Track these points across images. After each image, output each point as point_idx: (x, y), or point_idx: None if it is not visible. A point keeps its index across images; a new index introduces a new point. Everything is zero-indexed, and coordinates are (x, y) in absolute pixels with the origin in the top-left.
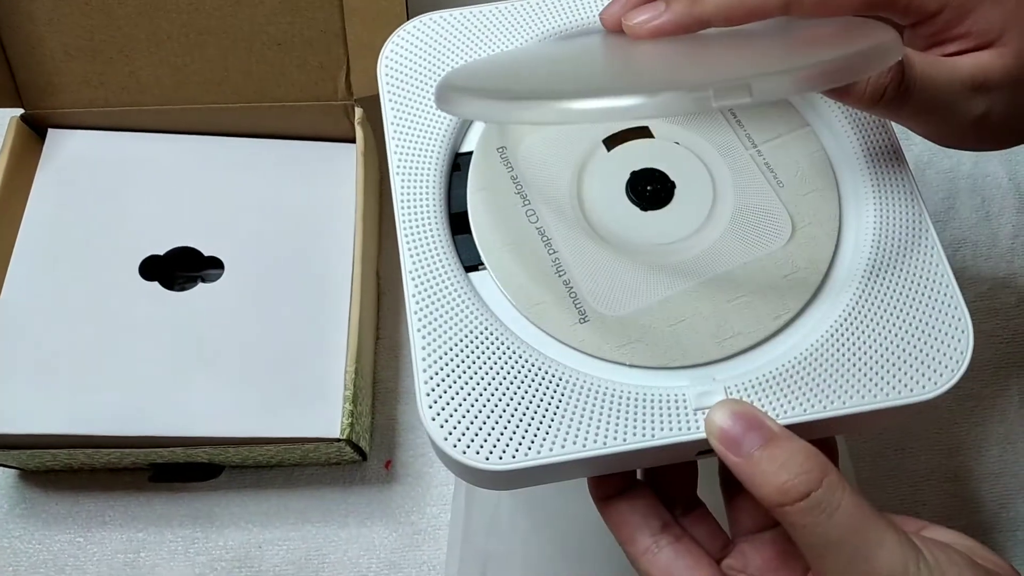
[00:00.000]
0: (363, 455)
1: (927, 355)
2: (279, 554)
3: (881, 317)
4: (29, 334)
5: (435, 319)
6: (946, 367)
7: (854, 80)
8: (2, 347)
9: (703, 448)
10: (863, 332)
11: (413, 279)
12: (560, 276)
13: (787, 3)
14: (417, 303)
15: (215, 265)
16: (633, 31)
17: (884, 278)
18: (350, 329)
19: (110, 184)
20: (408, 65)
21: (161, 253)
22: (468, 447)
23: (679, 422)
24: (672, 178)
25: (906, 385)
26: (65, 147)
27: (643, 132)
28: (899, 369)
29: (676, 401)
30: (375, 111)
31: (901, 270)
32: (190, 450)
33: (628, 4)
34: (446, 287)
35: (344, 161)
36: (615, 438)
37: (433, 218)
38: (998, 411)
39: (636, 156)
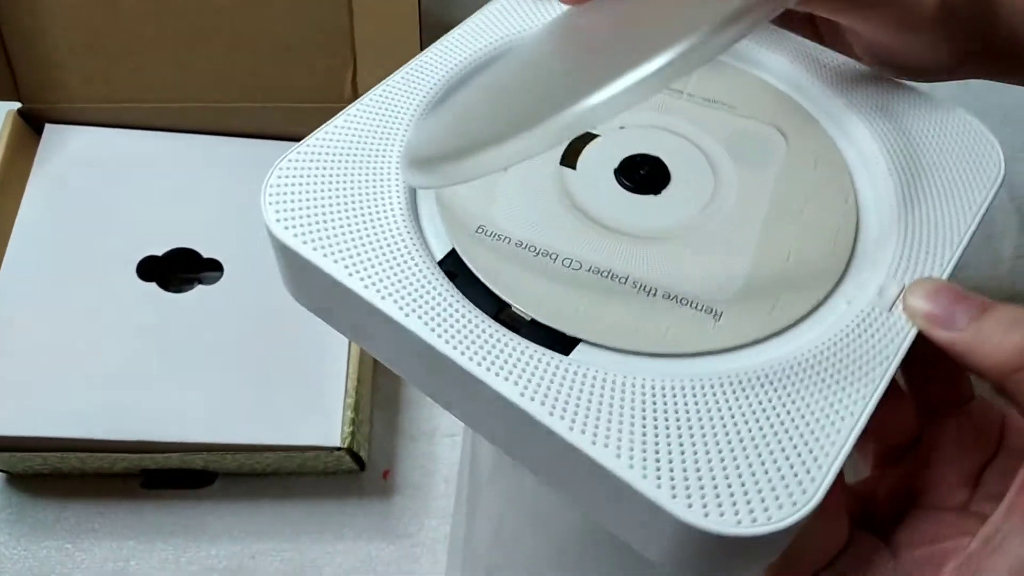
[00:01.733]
0: (361, 465)
1: (969, 164)
2: (272, 565)
3: (920, 156)
4: (22, 333)
5: (597, 422)
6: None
7: None
8: None
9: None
10: (921, 177)
11: (550, 414)
12: (652, 296)
13: None
14: (562, 419)
15: (214, 267)
16: None
17: (891, 123)
18: None
19: (108, 181)
20: (305, 207)
21: (159, 254)
22: (747, 513)
23: (888, 330)
24: (654, 154)
25: (981, 188)
26: (62, 143)
27: (589, 137)
28: (965, 182)
29: (871, 314)
30: None
31: (899, 113)
32: (186, 456)
33: None
34: (583, 389)
35: None
36: (868, 389)
37: (485, 332)
38: None
39: (602, 158)
